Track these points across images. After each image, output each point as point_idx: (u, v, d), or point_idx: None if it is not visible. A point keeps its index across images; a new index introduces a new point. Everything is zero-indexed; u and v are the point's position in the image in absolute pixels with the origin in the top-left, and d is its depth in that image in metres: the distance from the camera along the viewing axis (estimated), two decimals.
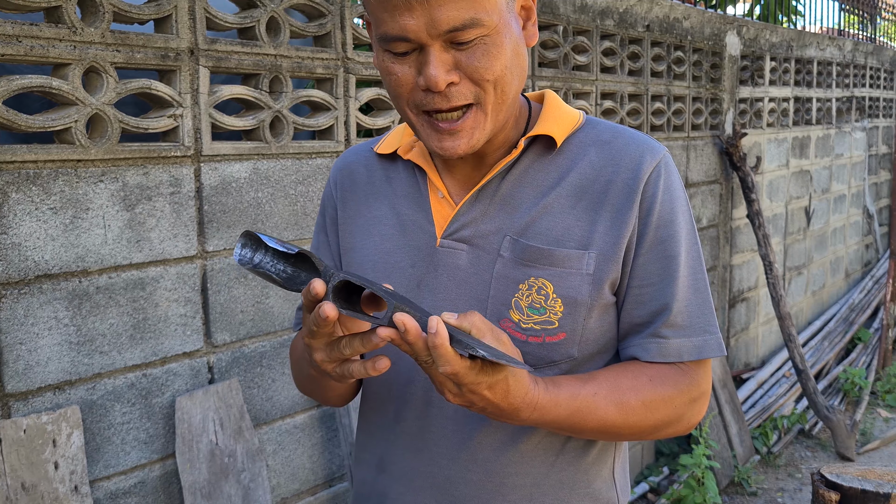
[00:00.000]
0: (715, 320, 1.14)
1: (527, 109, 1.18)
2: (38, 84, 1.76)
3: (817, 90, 5.97)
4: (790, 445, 4.65)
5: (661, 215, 1.10)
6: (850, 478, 1.67)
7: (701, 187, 4.43)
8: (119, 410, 1.96)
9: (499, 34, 0.99)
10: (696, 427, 3.82)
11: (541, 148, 1.15)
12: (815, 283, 6.23)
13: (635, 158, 1.11)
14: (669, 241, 1.11)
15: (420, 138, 1.07)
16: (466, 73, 0.99)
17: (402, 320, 0.88)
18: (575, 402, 1.04)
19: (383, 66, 1.03)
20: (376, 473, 1.23)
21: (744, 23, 4.80)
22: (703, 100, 4.41)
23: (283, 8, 2.23)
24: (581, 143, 1.14)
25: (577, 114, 1.19)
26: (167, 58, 1.98)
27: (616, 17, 3.64)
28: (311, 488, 2.43)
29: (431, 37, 0.96)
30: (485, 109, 1.03)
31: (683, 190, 1.15)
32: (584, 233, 1.09)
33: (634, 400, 1.08)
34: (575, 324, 1.09)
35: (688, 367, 1.12)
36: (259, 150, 2.22)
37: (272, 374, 2.30)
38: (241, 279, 2.20)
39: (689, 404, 1.13)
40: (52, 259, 1.81)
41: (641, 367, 1.11)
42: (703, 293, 1.13)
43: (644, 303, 1.11)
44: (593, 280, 1.09)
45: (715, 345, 1.12)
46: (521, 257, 1.10)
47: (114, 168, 1.91)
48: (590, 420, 1.05)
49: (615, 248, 1.09)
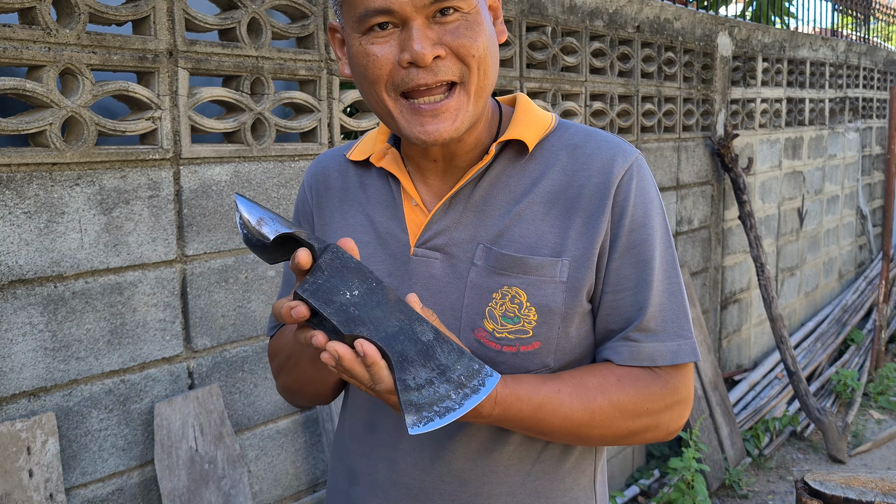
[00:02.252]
0: (690, 325, 1.12)
1: (498, 113, 1.16)
2: (11, 86, 1.73)
3: (810, 91, 5.96)
4: (782, 447, 4.63)
5: (634, 219, 1.08)
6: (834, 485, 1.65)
7: (692, 188, 4.41)
8: (96, 417, 1.93)
9: (478, 14, 1.02)
10: (686, 430, 3.80)
11: (513, 153, 1.13)
12: (808, 284, 6.22)
13: (607, 162, 1.09)
14: (643, 245, 1.09)
15: (399, 129, 1.04)
16: (452, 48, 0.99)
17: (335, 349, 0.89)
18: (537, 398, 1.02)
19: (361, 51, 1.01)
20: (349, 484, 1.21)
21: (735, 23, 4.78)
22: (695, 101, 4.39)
23: (264, 9, 2.21)
24: (553, 148, 1.13)
25: (549, 117, 1.17)
26: (145, 59, 1.96)
27: (606, 17, 3.62)
28: (295, 494, 2.41)
29: (415, 9, 0.97)
30: (468, 90, 1.02)
31: (658, 193, 1.13)
32: (557, 240, 1.08)
33: (601, 398, 1.06)
34: (550, 332, 1.07)
35: (664, 373, 1.10)
36: (240, 152, 2.19)
37: (254, 379, 2.27)
38: (221, 283, 2.18)
39: (666, 410, 1.11)
40: (26, 264, 1.79)
41: (611, 367, 1.09)
42: (678, 297, 1.11)
43: (619, 308, 1.09)
44: (567, 288, 1.07)
45: (689, 349, 1.10)
46: (495, 266, 1.08)
47: (90, 171, 1.88)
48: (554, 418, 1.04)
49: (588, 254, 1.07)
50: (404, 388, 0.87)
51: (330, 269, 0.92)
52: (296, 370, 1.17)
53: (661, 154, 4.10)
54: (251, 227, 0.94)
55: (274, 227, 0.93)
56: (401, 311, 0.91)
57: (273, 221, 0.94)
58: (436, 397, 0.87)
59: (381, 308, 0.91)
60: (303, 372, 1.16)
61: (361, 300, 0.91)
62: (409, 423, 0.85)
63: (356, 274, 0.92)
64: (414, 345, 0.89)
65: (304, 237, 0.94)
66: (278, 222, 0.94)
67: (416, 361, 0.88)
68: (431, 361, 0.88)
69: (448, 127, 1.02)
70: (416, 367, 0.88)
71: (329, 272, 0.92)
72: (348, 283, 0.91)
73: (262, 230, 0.93)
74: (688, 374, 1.13)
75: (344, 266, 0.92)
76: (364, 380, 0.90)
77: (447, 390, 0.87)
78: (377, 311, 0.90)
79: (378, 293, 0.92)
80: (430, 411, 0.86)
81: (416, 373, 0.87)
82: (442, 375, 0.88)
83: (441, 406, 0.86)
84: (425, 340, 0.90)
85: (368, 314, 0.90)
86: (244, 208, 0.95)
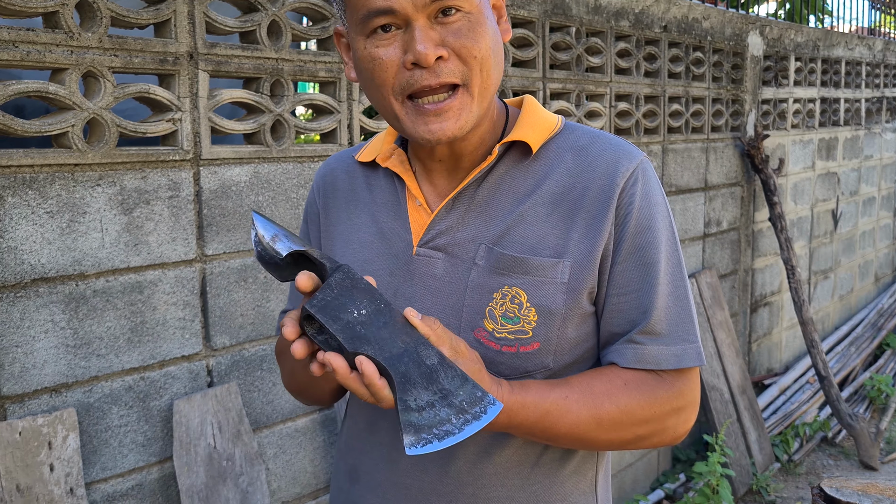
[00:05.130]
0: (695, 329, 1.11)
1: (504, 115, 1.16)
2: (34, 89, 1.77)
3: (845, 91, 5.85)
4: (812, 453, 4.55)
5: (638, 222, 1.08)
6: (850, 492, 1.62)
7: (721, 190, 4.36)
8: (116, 413, 1.97)
9: (481, 14, 1.02)
10: (712, 434, 3.76)
11: (517, 154, 1.13)
12: (842, 288, 6.10)
13: (611, 164, 1.09)
14: (648, 249, 1.08)
15: (405, 130, 1.05)
16: (454, 48, 1.00)
17: (330, 360, 0.90)
18: (544, 405, 1.02)
19: (366, 54, 1.03)
20: (350, 483, 1.22)
21: (767, 22, 4.71)
22: (724, 101, 4.34)
23: (284, 11, 2.23)
24: (558, 150, 1.12)
25: (556, 119, 1.16)
26: (166, 62, 1.99)
27: (632, 17, 3.59)
28: (313, 492, 2.43)
29: (417, 8, 0.97)
30: (471, 91, 1.02)
31: (663, 196, 1.13)
32: (559, 241, 1.07)
33: (609, 405, 1.05)
34: (549, 333, 1.07)
35: (669, 377, 1.09)
36: (260, 153, 2.22)
37: (272, 378, 2.30)
38: (240, 283, 2.20)
39: (672, 415, 1.10)
40: (48, 262, 1.83)
41: (617, 372, 1.08)
42: (684, 301, 1.10)
43: (623, 311, 1.09)
44: (568, 289, 1.06)
45: (694, 354, 1.09)
46: (496, 266, 1.08)
47: (111, 172, 1.92)
48: (561, 424, 1.03)
49: (590, 256, 1.07)
50: (405, 409, 0.87)
51: (340, 287, 0.93)
52: (296, 372, 1.19)
53: (688, 155, 4.05)
54: (265, 243, 0.95)
55: (287, 244, 0.95)
56: (407, 333, 0.92)
57: (287, 239, 0.96)
58: (436, 420, 0.87)
59: (387, 329, 0.92)
60: (301, 375, 1.17)
61: (368, 320, 0.92)
62: (407, 444, 0.85)
63: (365, 294, 0.94)
64: (418, 367, 0.90)
65: (317, 256, 0.95)
66: (292, 240, 0.96)
67: (419, 384, 0.89)
68: (434, 385, 0.89)
69: (452, 126, 1.03)
70: (419, 389, 0.88)
71: (338, 290, 0.93)
72: (357, 303, 0.93)
73: (276, 247, 0.95)
74: (693, 379, 1.12)
75: (354, 286, 0.94)
76: (362, 395, 0.91)
77: (448, 414, 0.88)
78: (383, 332, 0.92)
79: (385, 314, 0.93)
80: (430, 433, 0.86)
81: (418, 395, 0.88)
82: (444, 399, 0.88)
83: (441, 429, 0.87)
84: (429, 364, 0.90)
85: (374, 334, 0.91)
86: (260, 225, 0.97)
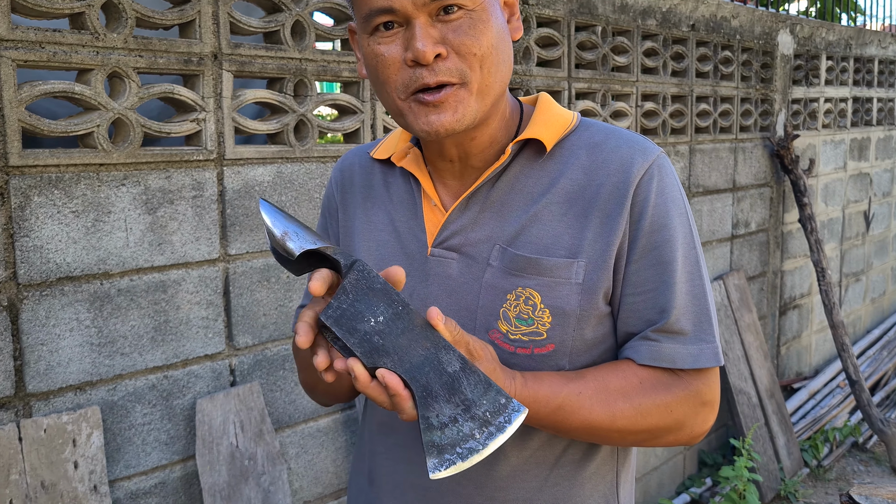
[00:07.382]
0: (713, 329, 1.08)
1: (518, 113, 1.15)
2: (60, 89, 1.79)
3: (878, 90, 5.74)
4: (842, 459, 4.47)
5: (654, 219, 1.05)
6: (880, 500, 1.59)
7: (749, 190, 4.30)
8: (140, 411, 1.98)
9: (484, 11, 1.00)
10: (739, 438, 3.70)
11: (531, 152, 1.11)
12: (874, 290, 6.00)
13: (626, 161, 1.07)
14: (664, 247, 1.06)
15: (408, 126, 1.04)
16: (453, 46, 0.99)
17: (353, 367, 0.88)
18: (557, 399, 1.01)
19: (370, 51, 1.02)
20: (367, 484, 1.22)
21: (797, 21, 4.64)
22: (753, 101, 4.28)
23: (308, 11, 2.23)
24: (573, 147, 1.11)
25: (571, 115, 1.15)
26: (190, 62, 2.00)
27: (658, 16, 3.55)
28: (335, 492, 2.43)
29: (417, 6, 0.97)
30: (470, 88, 1.01)
31: (681, 192, 1.10)
32: (574, 241, 1.06)
33: (623, 403, 1.04)
34: (564, 335, 1.06)
35: (686, 376, 1.07)
36: (283, 153, 2.22)
37: (295, 378, 2.30)
38: (263, 282, 2.21)
39: (690, 413, 1.08)
40: (73, 261, 1.84)
41: (633, 369, 1.06)
42: (702, 300, 1.08)
43: (639, 311, 1.07)
44: (583, 290, 1.05)
45: (711, 354, 1.07)
46: (510, 266, 1.07)
47: (136, 172, 1.93)
48: (574, 419, 1.02)
49: (605, 255, 1.05)
50: (427, 427, 0.85)
51: (355, 291, 0.90)
52: (308, 369, 1.19)
53: (716, 155, 4.00)
54: (276, 239, 0.92)
55: (299, 242, 0.92)
56: (426, 338, 0.89)
57: (298, 236, 0.93)
58: (459, 437, 0.85)
59: (406, 335, 0.89)
60: (315, 374, 1.17)
61: (386, 327, 0.89)
62: (431, 467, 0.83)
63: (382, 297, 0.90)
64: (439, 377, 0.87)
65: (331, 252, 0.92)
66: (303, 236, 0.93)
67: (441, 396, 0.86)
68: (456, 396, 0.86)
69: (449, 118, 1.01)
70: (441, 402, 0.86)
71: (354, 295, 0.89)
72: (373, 308, 0.89)
73: (288, 245, 0.92)
74: (712, 378, 1.10)
75: (370, 288, 0.90)
76: (383, 404, 0.89)
77: (471, 429, 0.85)
78: (402, 339, 0.88)
79: (404, 318, 0.89)
80: (453, 453, 0.84)
81: (440, 409, 0.86)
82: (467, 412, 0.86)
83: (464, 447, 0.85)
84: (451, 371, 0.87)
85: (393, 343, 0.88)
86: (269, 219, 0.94)
